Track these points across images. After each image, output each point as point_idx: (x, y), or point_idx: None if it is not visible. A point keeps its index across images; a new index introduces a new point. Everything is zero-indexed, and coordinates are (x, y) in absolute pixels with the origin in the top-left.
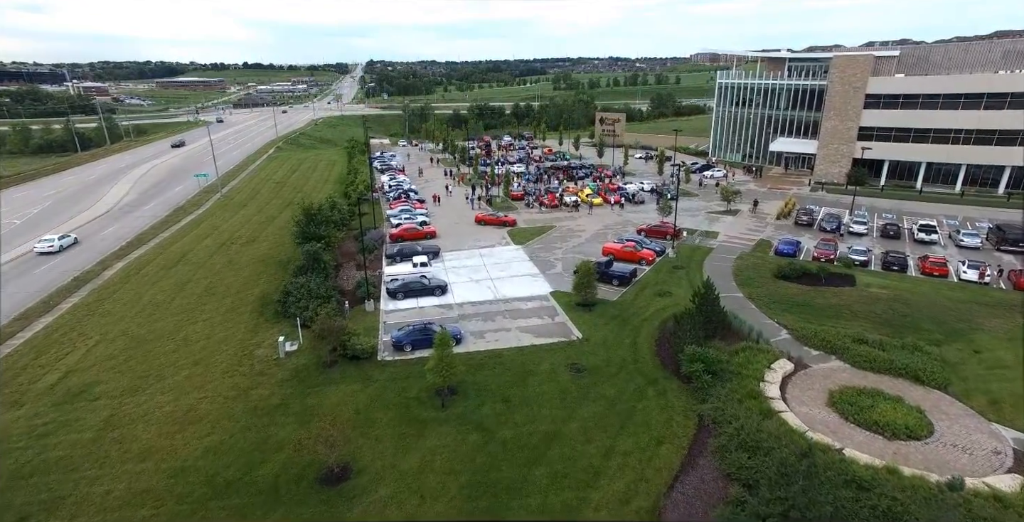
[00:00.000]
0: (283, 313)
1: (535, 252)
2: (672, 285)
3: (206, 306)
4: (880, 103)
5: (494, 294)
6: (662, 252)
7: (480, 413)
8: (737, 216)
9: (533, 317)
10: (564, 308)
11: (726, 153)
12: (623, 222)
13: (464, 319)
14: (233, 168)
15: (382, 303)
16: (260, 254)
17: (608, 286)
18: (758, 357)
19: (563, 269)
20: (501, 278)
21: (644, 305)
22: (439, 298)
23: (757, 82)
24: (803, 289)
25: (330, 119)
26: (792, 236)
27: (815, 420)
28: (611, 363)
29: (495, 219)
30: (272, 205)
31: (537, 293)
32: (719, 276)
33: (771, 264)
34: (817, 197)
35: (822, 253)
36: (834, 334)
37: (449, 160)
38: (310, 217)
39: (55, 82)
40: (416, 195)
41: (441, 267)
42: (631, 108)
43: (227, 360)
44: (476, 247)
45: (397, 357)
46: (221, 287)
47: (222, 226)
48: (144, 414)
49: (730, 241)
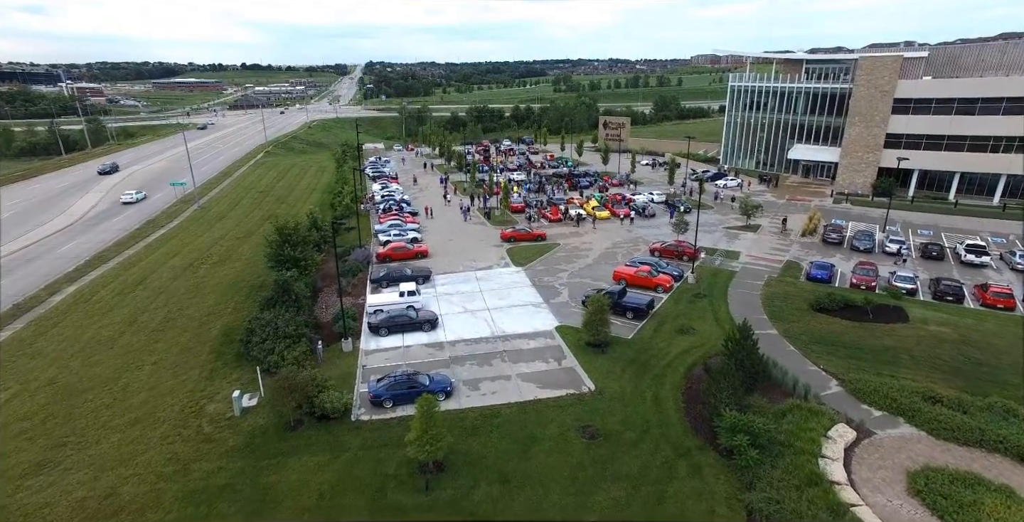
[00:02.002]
0: (246, 355)
1: (537, 275)
2: (695, 319)
3: (158, 344)
4: (910, 108)
5: (491, 329)
6: (680, 277)
7: (473, 497)
8: (759, 232)
9: (537, 360)
10: (572, 348)
11: (738, 160)
12: (633, 239)
13: (456, 363)
14: (217, 174)
15: (363, 340)
16: (231, 277)
17: (621, 319)
18: (810, 421)
19: (569, 297)
20: (499, 308)
21: (665, 346)
22: (428, 334)
23: (772, 85)
24: (848, 325)
25: (325, 122)
26: (823, 258)
27: (901, 520)
28: (631, 425)
29: (526, 235)
30: (252, 217)
31: (541, 328)
32: (747, 307)
33: (805, 292)
34: (841, 210)
35: (861, 279)
36: (897, 389)
37: (445, 167)
38: (285, 238)
39: (50, 83)
40: (408, 206)
41: (432, 293)
42: (633, 111)
43: (171, 419)
44: (472, 269)
45: (375, 416)
46: (180, 319)
47: (194, 242)
48: (43, 505)
49: (754, 263)
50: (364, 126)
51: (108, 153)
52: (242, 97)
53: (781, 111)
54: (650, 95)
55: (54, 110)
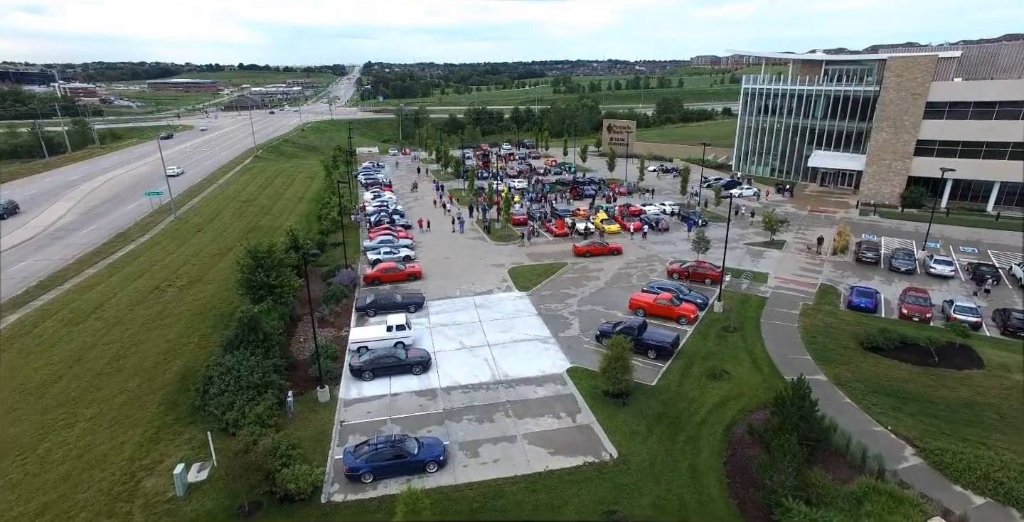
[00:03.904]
0: (201, 408)
1: (543, 301)
2: (727, 359)
3: (100, 392)
4: (945, 112)
5: (492, 372)
6: (705, 304)
7: None
8: (784, 250)
9: (546, 414)
10: (587, 398)
11: (751, 167)
12: (647, 258)
13: (452, 417)
14: (201, 181)
15: (343, 386)
16: (201, 302)
17: (642, 359)
18: (895, 514)
19: (580, 330)
20: (502, 344)
21: (696, 395)
22: (419, 379)
23: (790, 87)
24: (910, 371)
25: (319, 124)
26: (861, 280)
27: None
28: (665, 509)
29: (601, 249)
30: (232, 230)
31: (549, 370)
32: (785, 344)
33: (849, 324)
34: (870, 223)
35: (914, 310)
36: (999, 465)
37: (441, 173)
38: (258, 261)
39: (44, 83)
40: (402, 219)
41: (425, 323)
42: (636, 113)
43: (93, 504)
44: (470, 293)
45: (351, 495)
46: (133, 358)
47: (164, 260)
48: None
49: (784, 286)
50: (360, 128)
51: (89, 157)
52: (238, 98)
53: (799, 115)
54: (651, 96)
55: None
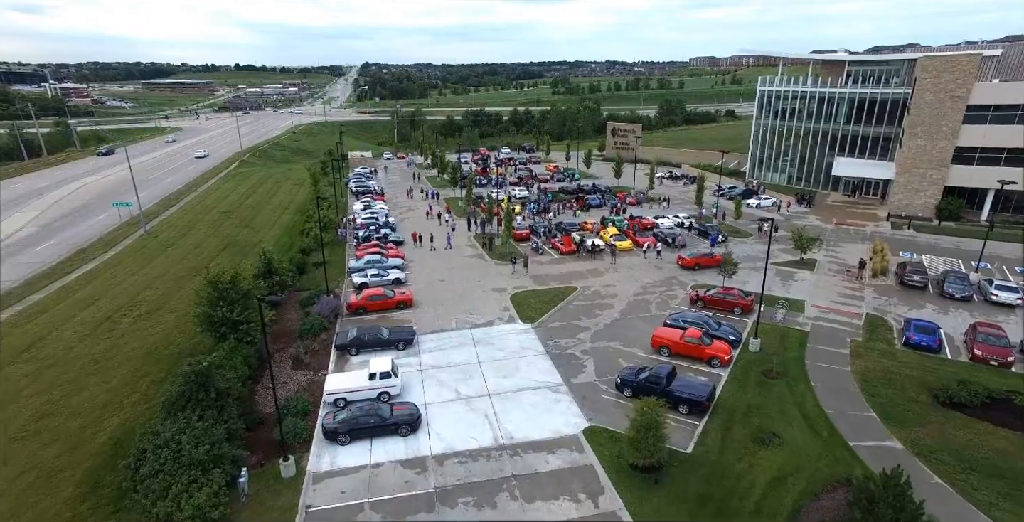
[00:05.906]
0: (131, 489)
1: (551, 336)
2: (774, 416)
3: (3, 469)
4: (988, 116)
5: (495, 433)
6: (738, 341)
7: None
8: (816, 271)
9: (561, 496)
10: (611, 472)
11: (767, 174)
12: (666, 280)
13: (445, 500)
14: (181, 188)
15: (314, 453)
16: (157, 337)
17: (673, 415)
18: None
19: (596, 374)
20: (505, 394)
21: (744, 469)
22: (407, 442)
23: (809, 90)
24: (1011, 439)
25: (311, 126)
26: (911, 309)
27: None
28: None
29: (710, 260)
30: (207, 246)
31: (563, 430)
32: (841, 395)
33: (913, 369)
34: (904, 238)
35: (990, 352)
36: None
37: (437, 179)
38: (220, 293)
39: (36, 83)
40: (393, 233)
41: (415, 364)
42: (638, 115)
43: None
44: (468, 325)
45: None
46: (59, 415)
47: (124, 282)
48: None
49: (825, 316)
50: (354, 131)
51: (67, 160)
52: (232, 99)
53: (819, 119)
54: (652, 98)
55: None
